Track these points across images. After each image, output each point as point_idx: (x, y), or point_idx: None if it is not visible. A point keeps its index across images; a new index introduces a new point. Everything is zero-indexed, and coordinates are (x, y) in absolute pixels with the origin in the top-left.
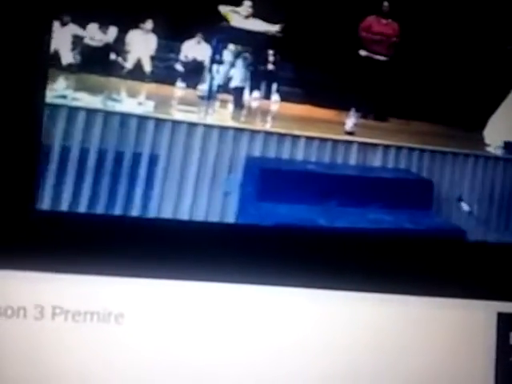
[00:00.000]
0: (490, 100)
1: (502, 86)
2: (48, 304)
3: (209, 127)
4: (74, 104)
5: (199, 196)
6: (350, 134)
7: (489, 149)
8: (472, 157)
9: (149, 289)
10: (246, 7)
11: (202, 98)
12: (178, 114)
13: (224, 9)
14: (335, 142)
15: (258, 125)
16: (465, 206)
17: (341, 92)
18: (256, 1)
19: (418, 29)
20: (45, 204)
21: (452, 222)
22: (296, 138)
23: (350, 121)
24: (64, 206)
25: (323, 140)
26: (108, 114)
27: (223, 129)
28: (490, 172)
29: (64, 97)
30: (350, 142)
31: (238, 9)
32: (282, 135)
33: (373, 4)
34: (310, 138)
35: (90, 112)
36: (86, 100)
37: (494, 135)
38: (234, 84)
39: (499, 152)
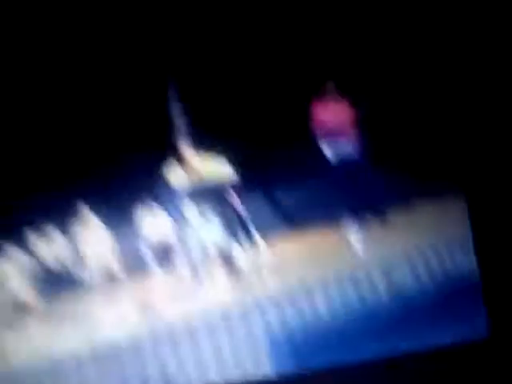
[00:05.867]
0: None
1: None
2: None
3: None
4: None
5: None
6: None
7: None
8: None
9: None
10: (196, 156)
11: (184, 277)
12: (170, 312)
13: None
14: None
15: (260, 289)
16: None
17: (328, 203)
18: (206, 146)
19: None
20: None
21: None
22: (310, 288)
23: (353, 232)
24: None
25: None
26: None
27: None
28: None
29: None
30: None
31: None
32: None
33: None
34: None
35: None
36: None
37: None
38: (215, 246)
39: None
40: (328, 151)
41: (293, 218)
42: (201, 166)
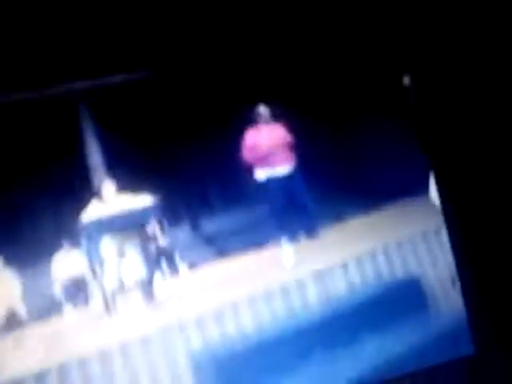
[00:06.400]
0: None
1: None
2: None
3: (128, 347)
4: None
5: None
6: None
7: None
8: None
9: None
10: (109, 188)
11: (100, 313)
12: (76, 353)
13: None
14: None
15: (180, 315)
16: None
17: (258, 227)
18: (118, 176)
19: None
20: None
21: None
22: (235, 306)
23: (288, 252)
24: None
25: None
26: None
27: (145, 343)
28: None
29: None
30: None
31: (101, 195)
32: (219, 313)
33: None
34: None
35: None
36: None
37: None
38: (133, 279)
39: None
40: (257, 174)
41: (221, 244)
42: (119, 199)
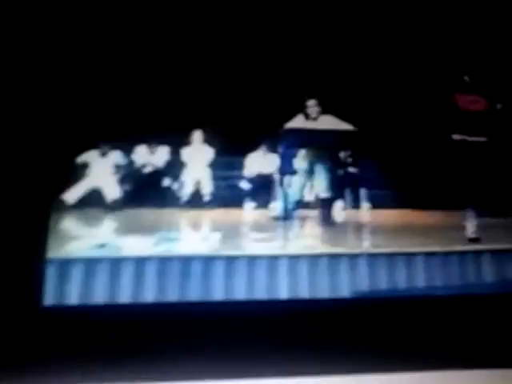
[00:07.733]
0: None
1: None
2: None
3: (295, 258)
4: (118, 254)
5: None
6: (475, 240)
7: None
8: None
9: None
10: (313, 106)
11: (276, 218)
12: (252, 246)
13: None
14: (462, 254)
15: (354, 245)
16: None
17: (450, 188)
18: (322, 97)
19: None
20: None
21: None
22: (411, 256)
23: (471, 224)
24: None
25: (446, 255)
26: (164, 261)
27: (315, 258)
28: None
29: (103, 246)
30: (479, 253)
31: (306, 110)
32: (391, 255)
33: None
34: (429, 254)
35: (140, 262)
36: (133, 246)
37: None
38: (315, 198)
39: None
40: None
41: (406, 195)
42: (323, 119)
